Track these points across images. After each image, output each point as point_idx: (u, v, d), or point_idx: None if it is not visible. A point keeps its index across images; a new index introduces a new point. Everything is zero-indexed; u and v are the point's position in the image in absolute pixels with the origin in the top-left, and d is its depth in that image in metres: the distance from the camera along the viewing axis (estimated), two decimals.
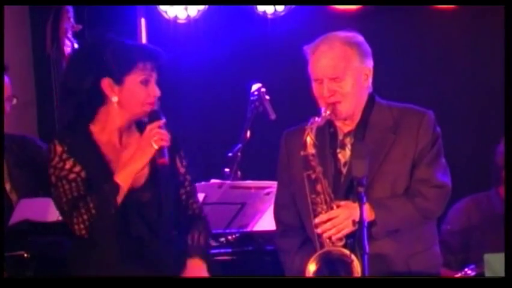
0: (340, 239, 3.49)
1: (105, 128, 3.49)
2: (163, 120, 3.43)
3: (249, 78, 4.55)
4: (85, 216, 3.42)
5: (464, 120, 5.72)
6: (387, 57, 5.30)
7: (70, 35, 4.82)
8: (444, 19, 5.97)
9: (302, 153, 3.55)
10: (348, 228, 3.43)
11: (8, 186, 4.68)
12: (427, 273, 3.63)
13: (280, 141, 3.71)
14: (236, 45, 5.76)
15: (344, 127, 3.59)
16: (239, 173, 4.60)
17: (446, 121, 3.94)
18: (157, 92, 3.44)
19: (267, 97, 4.42)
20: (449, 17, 5.92)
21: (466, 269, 4.36)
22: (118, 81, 3.39)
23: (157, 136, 3.37)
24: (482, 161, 5.13)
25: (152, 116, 3.43)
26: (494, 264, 3.59)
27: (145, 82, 3.41)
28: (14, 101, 4.53)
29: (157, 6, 5.66)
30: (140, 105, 3.41)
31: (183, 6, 5.67)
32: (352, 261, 3.40)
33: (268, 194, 4.21)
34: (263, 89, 4.41)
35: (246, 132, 4.65)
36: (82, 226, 3.38)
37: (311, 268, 3.49)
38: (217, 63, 5.75)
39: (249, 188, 4.38)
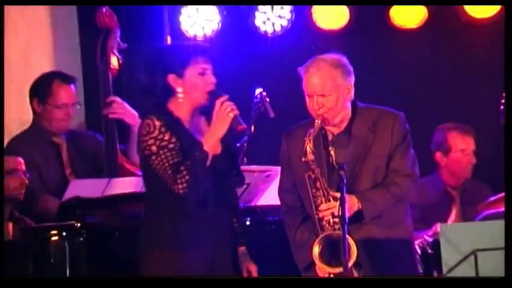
0: (336, 223, 3.98)
1: (178, 112, 4.01)
2: (227, 96, 3.94)
3: (253, 84, 4.97)
4: (187, 177, 3.87)
5: (419, 120, 5.63)
6: (368, 68, 5.77)
7: (115, 51, 5.35)
8: (411, 38, 6.27)
9: (303, 159, 4.02)
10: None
11: (68, 171, 5.40)
12: (403, 238, 4.17)
13: (281, 140, 4.18)
14: (243, 57, 6.22)
15: (334, 130, 4.09)
16: (245, 159, 5.16)
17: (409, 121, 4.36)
18: (213, 80, 3.95)
19: (267, 99, 4.87)
20: (415, 36, 6.21)
21: (425, 236, 4.89)
22: (180, 75, 3.95)
23: (229, 107, 3.88)
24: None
25: (215, 94, 3.95)
26: (446, 232, 4.05)
27: (202, 73, 3.94)
28: (78, 106, 5.42)
29: (180, 26, 6.07)
30: (201, 93, 3.94)
31: (201, 27, 6.12)
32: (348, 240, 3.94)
33: (268, 176, 4.78)
34: (264, 93, 4.86)
35: (251, 127, 5.06)
36: (184, 185, 3.88)
37: (316, 250, 3.99)
38: (228, 72, 5.56)
39: (253, 171, 4.88)
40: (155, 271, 4.17)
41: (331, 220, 4.00)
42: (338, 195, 3.90)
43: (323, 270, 4.05)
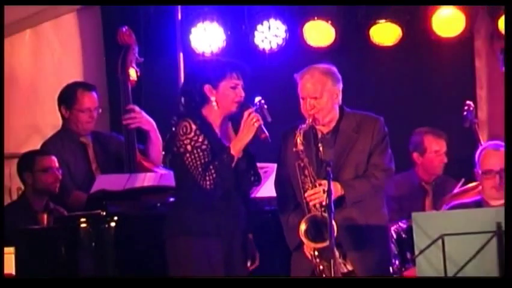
0: (321, 206, 4.26)
1: (210, 118, 4.29)
2: (253, 108, 4.29)
3: (253, 93, 4.84)
4: (214, 175, 4.18)
5: (396, 124, 5.56)
6: (352, 79, 5.35)
7: (134, 64, 5.63)
8: (388, 53, 6.60)
9: (294, 149, 4.28)
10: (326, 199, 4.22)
11: (94, 167, 5.69)
12: (379, 225, 4.44)
13: (281, 139, 4.47)
14: None
15: (323, 129, 4.34)
16: None
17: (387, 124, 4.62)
18: (242, 94, 4.28)
19: (265, 106, 4.81)
20: (392, 52, 6.53)
21: (400, 223, 5.02)
22: (215, 86, 4.27)
23: (255, 118, 4.19)
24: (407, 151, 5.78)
25: (244, 106, 4.26)
26: (417, 219, 4.17)
27: (234, 87, 4.28)
28: (100, 110, 5.68)
29: (190, 44, 6.40)
30: (230, 103, 4.26)
31: (208, 44, 6.42)
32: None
33: (265, 172, 4.96)
34: (262, 101, 4.82)
35: None
36: (212, 182, 4.19)
37: (302, 227, 4.24)
38: None
39: None
40: (177, 254, 4.41)
41: (317, 204, 4.26)
42: (324, 182, 4.18)
43: (309, 246, 4.28)
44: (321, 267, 4.30)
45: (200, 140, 4.22)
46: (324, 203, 4.25)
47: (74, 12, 6.65)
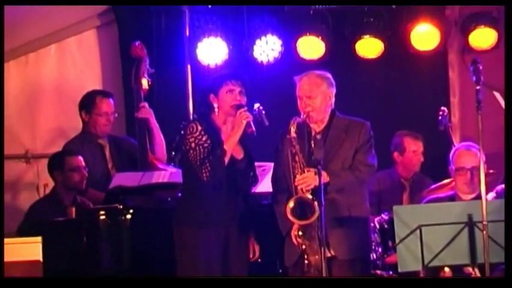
0: (307, 191, 4.33)
1: (216, 122, 4.47)
2: (245, 108, 4.42)
3: (252, 100, 5.07)
4: (209, 168, 4.36)
5: (381, 128, 5.49)
6: (341, 87, 5.15)
7: (146, 75, 5.83)
8: (372, 65, 6.67)
9: (288, 136, 4.35)
10: (312, 185, 4.29)
11: (110, 165, 5.85)
12: (360, 216, 4.50)
13: (279, 140, 4.48)
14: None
15: (316, 127, 4.42)
16: None
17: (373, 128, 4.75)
18: (239, 97, 4.44)
19: (263, 111, 5.07)
20: (375, 63, 6.62)
21: (382, 215, 5.20)
22: (216, 94, 4.49)
23: (245, 115, 4.36)
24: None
25: (238, 106, 4.41)
26: (398, 211, 4.41)
27: (230, 92, 4.45)
28: (116, 115, 5.83)
29: (197, 57, 6.50)
30: (228, 107, 4.45)
31: (213, 58, 6.51)
32: (313, 203, 4.25)
33: (263, 170, 5.19)
34: (261, 107, 5.07)
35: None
36: (207, 174, 4.36)
37: (290, 205, 4.32)
38: None
39: None
40: (182, 244, 4.57)
41: (304, 188, 4.36)
42: (312, 169, 4.31)
43: (295, 225, 4.36)
44: (303, 246, 4.35)
45: (203, 139, 4.40)
46: (309, 188, 4.29)
47: (94, 29, 6.82)
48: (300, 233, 4.34)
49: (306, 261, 4.33)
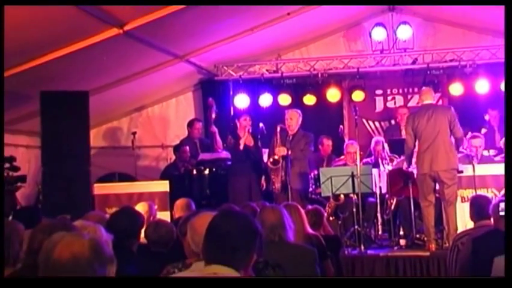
0: (279, 156, 7.06)
1: (240, 134, 7.52)
2: (249, 127, 7.50)
3: (258, 122, 7.74)
4: (235, 151, 7.33)
5: (316, 135, 8.69)
6: (309, 117, 8.65)
7: (213, 113, 8.96)
8: (334, 105, 9.48)
9: (277, 127, 7.29)
10: (281, 153, 6.92)
11: (199, 151, 8.74)
12: (304, 171, 7.33)
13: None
14: (257, 113, 9.25)
15: (290, 133, 7.44)
16: None
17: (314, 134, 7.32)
18: (249, 123, 7.61)
19: (264, 128, 7.67)
20: (336, 104, 9.44)
21: (315, 171, 7.45)
22: (238, 120, 7.98)
23: (247, 125, 7.48)
24: None
25: (246, 121, 7.46)
26: (322, 171, 6.92)
27: (243, 120, 7.88)
28: (202, 129, 9.13)
29: (234, 103, 9.10)
30: (242, 126, 7.79)
31: (242, 104, 9.25)
32: (281, 160, 6.98)
33: (264, 152, 8.01)
34: (263, 126, 7.66)
35: (258, 141, 8.19)
36: (236, 153, 7.41)
37: (271, 160, 7.05)
38: (252, 119, 8.59)
39: None
40: (231, 184, 7.55)
41: (277, 154, 7.04)
42: (282, 147, 6.75)
43: (272, 168, 6.77)
44: (272, 176, 7.24)
45: (232, 141, 7.58)
46: (280, 154, 6.73)
47: (190, 92, 10.33)
48: (271, 159, 7.31)
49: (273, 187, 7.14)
